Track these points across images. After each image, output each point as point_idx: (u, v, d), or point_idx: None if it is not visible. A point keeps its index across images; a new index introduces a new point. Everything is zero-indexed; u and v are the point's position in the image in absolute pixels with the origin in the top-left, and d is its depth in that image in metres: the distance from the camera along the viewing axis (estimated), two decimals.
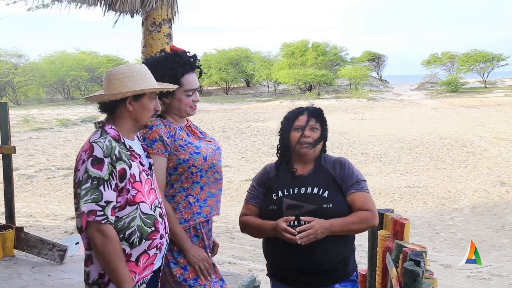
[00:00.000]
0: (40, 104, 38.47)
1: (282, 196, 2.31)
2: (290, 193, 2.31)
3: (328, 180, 2.33)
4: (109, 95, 2.01)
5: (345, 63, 46.20)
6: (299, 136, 2.34)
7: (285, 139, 2.40)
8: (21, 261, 4.81)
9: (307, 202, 2.26)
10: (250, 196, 2.49)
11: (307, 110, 2.41)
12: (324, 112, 2.46)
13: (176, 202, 2.30)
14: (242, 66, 46.21)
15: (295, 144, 2.35)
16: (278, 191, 2.34)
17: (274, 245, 2.31)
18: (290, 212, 2.25)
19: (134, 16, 4.02)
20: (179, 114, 2.37)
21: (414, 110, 28.80)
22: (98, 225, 1.88)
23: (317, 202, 2.25)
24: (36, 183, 11.61)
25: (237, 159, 14.05)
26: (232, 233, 7.34)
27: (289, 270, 2.31)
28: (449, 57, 47.29)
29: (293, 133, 2.37)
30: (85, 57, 44.83)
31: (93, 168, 1.90)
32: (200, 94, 2.61)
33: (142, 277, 2.04)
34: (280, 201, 2.30)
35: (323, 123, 2.41)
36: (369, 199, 2.32)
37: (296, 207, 2.26)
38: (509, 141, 15.79)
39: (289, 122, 2.40)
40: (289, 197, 2.30)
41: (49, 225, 7.88)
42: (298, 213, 2.24)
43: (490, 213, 8.32)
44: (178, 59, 2.32)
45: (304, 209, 2.24)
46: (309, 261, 2.25)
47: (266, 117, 26.94)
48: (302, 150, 2.34)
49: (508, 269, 5.61)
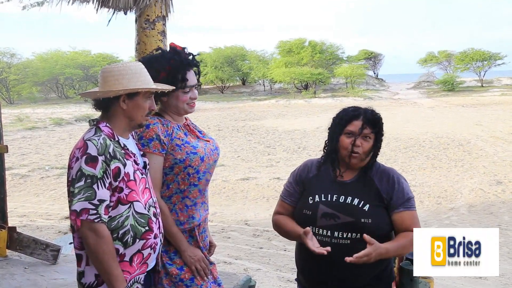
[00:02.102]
0: (33, 103, 38.26)
1: (318, 201, 2.16)
2: (327, 200, 2.15)
3: (372, 192, 2.14)
4: (102, 93, 1.98)
5: (341, 61, 46.19)
6: (350, 143, 2.14)
7: (334, 141, 2.21)
8: (14, 261, 4.76)
9: (345, 213, 2.10)
10: (286, 193, 2.33)
11: (364, 115, 2.17)
12: (381, 118, 2.22)
13: (173, 203, 2.27)
14: (238, 64, 46.15)
15: (344, 151, 2.16)
16: (315, 194, 2.18)
17: (306, 254, 2.13)
18: (324, 221, 2.11)
19: (127, 13, 3.97)
20: (177, 112, 2.33)
21: (410, 109, 28.84)
22: (91, 224, 1.85)
23: (355, 215, 2.09)
24: (29, 182, 11.53)
25: (232, 158, 14.00)
26: (228, 233, 7.30)
27: (318, 282, 2.19)
28: (446, 56, 47.39)
29: (343, 138, 2.17)
30: (79, 56, 44.63)
31: (87, 166, 1.87)
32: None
33: (134, 276, 2.00)
34: (316, 207, 2.15)
35: (378, 132, 2.18)
36: (417, 219, 2.16)
37: (331, 216, 2.11)
38: (505, 140, 15.81)
39: (341, 123, 2.20)
40: (326, 204, 2.14)
41: (43, 225, 7.81)
42: (333, 223, 2.10)
43: (486, 212, 8.32)
44: (175, 56, 2.29)
45: (340, 220, 2.09)
46: (340, 275, 2.12)
47: (262, 116, 26.91)
48: (351, 160, 2.16)
49: (504, 269, 5.60)
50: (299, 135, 18.46)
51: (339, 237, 2.09)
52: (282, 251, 6.42)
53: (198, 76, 2.40)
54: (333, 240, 2.09)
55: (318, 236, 2.12)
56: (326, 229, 2.10)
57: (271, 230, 7.36)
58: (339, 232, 2.08)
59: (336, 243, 2.08)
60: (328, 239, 2.10)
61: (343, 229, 2.09)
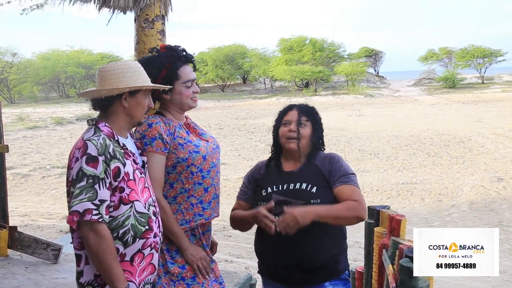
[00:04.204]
0: (34, 102, 38.33)
1: (271, 192, 2.30)
2: (279, 189, 2.30)
3: (317, 175, 2.29)
4: (107, 91, 1.98)
5: (342, 59, 46.15)
6: (287, 131, 2.33)
7: (274, 134, 2.41)
8: (15, 260, 4.78)
9: (295, 198, 2.23)
10: (241, 192, 2.50)
11: (297, 106, 2.41)
12: (316, 110, 2.44)
13: (178, 203, 2.27)
14: (238, 63, 46.13)
15: (282, 139, 2.34)
16: (268, 187, 2.33)
17: (264, 241, 2.30)
18: (278, 208, 2.21)
19: (127, 12, 3.97)
20: (181, 108, 2.34)
21: (411, 106, 28.81)
22: (92, 224, 1.85)
23: (305, 197, 2.22)
24: (31, 182, 11.55)
25: (233, 157, 14.02)
26: (229, 231, 7.30)
27: (277, 266, 2.28)
28: (446, 53, 47.27)
29: (281, 128, 2.36)
30: (80, 55, 44.67)
31: (87, 166, 1.87)
32: None
33: (143, 279, 2.02)
34: (269, 197, 2.28)
35: (314, 120, 2.38)
36: (356, 191, 2.25)
37: (284, 203, 2.22)
38: (506, 137, 15.80)
39: (279, 117, 2.41)
40: (278, 193, 2.28)
41: (44, 224, 7.84)
42: None
43: (487, 209, 8.32)
44: (172, 52, 2.31)
45: (292, 204, 2.21)
46: (298, 257, 2.22)
47: (262, 114, 26.90)
48: (288, 144, 2.32)
49: (505, 265, 5.60)
50: None
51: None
52: None
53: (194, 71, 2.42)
54: None
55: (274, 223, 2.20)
56: (280, 215, 2.17)
57: None
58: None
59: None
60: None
61: None
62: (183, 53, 2.34)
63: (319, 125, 2.40)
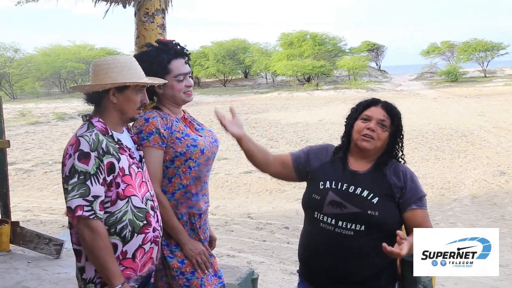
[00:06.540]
0: (36, 98, 38.29)
1: (328, 188, 2.13)
2: (337, 187, 2.12)
3: (383, 186, 2.10)
4: (89, 87, 1.99)
5: (343, 53, 45.97)
6: (364, 127, 2.12)
7: (348, 126, 2.20)
8: (17, 256, 4.78)
9: (352, 204, 2.06)
10: (296, 152, 2.32)
11: (383, 103, 2.19)
12: (400, 113, 2.22)
13: (176, 199, 2.28)
14: (240, 57, 46.00)
15: (357, 135, 2.14)
16: (327, 180, 2.15)
17: (310, 245, 2.17)
18: (330, 208, 2.09)
19: (126, 6, 3.94)
20: (175, 102, 2.33)
21: (413, 100, 28.72)
22: (86, 221, 1.85)
23: (363, 206, 2.05)
24: (33, 177, 11.57)
25: (235, 151, 13.98)
26: (231, 226, 7.31)
27: (319, 273, 2.16)
28: (448, 47, 47.04)
29: (358, 122, 2.16)
30: (81, 50, 44.59)
31: (79, 163, 1.87)
32: (197, 86, 2.59)
33: (143, 272, 2.04)
34: (325, 193, 2.12)
35: (396, 123, 2.17)
36: (428, 218, 2.12)
37: (338, 205, 2.07)
38: (509, 131, 15.74)
39: (358, 109, 2.19)
40: (335, 192, 2.11)
41: (47, 219, 7.86)
42: (339, 212, 2.07)
43: (490, 203, 8.31)
44: (162, 46, 2.31)
45: (347, 210, 2.06)
46: (342, 268, 2.08)
47: (264, 109, 26.85)
48: (362, 143, 2.12)
49: (508, 259, 5.58)
50: (301, 127, 18.43)
51: (343, 227, 2.05)
52: (285, 243, 6.43)
53: (188, 64, 2.41)
54: (336, 230, 2.06)
55: (322, 223, 2.10)
56: (331, 217, 2.07)
57: (274, 223, 7.37)
58: (343, 222, 2.05)
59: (339, 233, 2.06)
60: (332, 227, 2.07)
61: (348, 220, 2.05)
62: (176, 47, 2.33)
63: (400, 131, 2.21)
